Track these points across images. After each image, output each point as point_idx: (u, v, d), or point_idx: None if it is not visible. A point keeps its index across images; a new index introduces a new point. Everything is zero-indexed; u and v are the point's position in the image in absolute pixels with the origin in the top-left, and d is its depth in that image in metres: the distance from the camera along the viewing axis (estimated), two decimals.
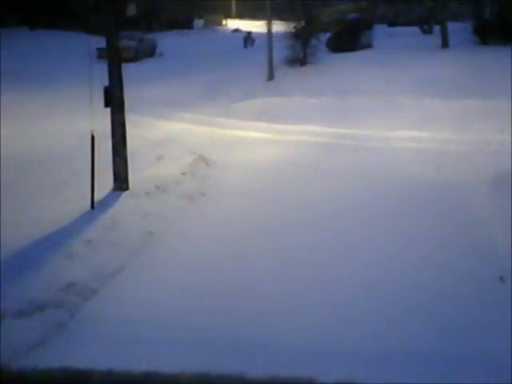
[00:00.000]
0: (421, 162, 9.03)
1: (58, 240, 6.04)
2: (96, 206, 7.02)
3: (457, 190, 7.73)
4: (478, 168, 8.55)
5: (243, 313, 4.81)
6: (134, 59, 20.30)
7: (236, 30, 33.68)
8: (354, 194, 7.67)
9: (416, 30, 27.15)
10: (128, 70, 8.31)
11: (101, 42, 7.97)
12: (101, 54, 14.33)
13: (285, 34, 18.03)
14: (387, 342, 4.39)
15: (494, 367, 3.94)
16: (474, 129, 10.61)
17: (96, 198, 7.05)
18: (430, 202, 7.33)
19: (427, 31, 26.82)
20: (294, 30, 18.21)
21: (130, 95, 7.90)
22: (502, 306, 4.76)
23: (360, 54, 20.06)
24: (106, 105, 7.57)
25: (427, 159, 9.15)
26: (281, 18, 19.20)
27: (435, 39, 21.61)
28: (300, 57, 18.41)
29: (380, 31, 25.84)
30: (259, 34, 21.07)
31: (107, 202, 7.24)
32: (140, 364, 0.63)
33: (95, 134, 7.01)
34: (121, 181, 7.64)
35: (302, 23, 18.50)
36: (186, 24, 37.22)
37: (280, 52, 17.58)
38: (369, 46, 21.57)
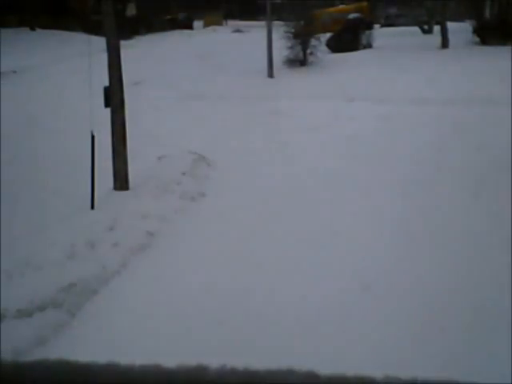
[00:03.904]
0: None
1: (57, 240, 6.04)
2: (96, 206, 7.02)
3: None
4: None
5: (243, 315, 4.81)
6: None
7: (237, 31, 33.65)
8: None
9: (416, 29, 27.21)
10: None
11: (101, 42, 7.97)
12: None
13: (284, 35, 18.06)
14: None
15: None
16: None
17: (96, 198, 7.05)
18: None
19: (427, 31, 26.87)
20: (293, 30, 18.24)
21: None
22: None
23: (360, 54, 20.09)
24: (106, 105, 7.57)
25: None
26: (281, 18, 19.25)
27: (435, 39, 21.64)
28: (300, 57, 18.43)
29: (380, 31, 25.86)
30: (259, 35, 21.03)
31: (107, 201, 7.24)
32: (140, 361, 0.63)
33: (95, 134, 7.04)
34: (121, 181, 7.64)
35: (302, 23, 18.52)
36: (186, 24, 37.26)
37: (280, 52, 17.60)
38: (369, 46, 21.61)
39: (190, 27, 37.86)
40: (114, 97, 7.56)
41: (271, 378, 0.57)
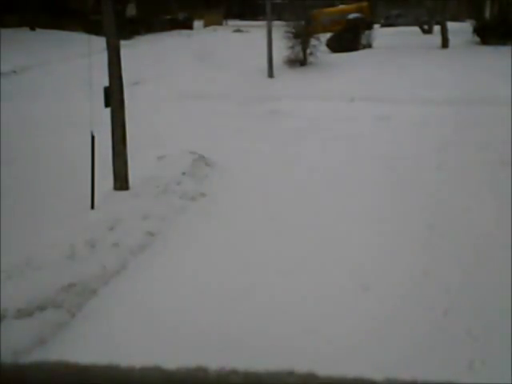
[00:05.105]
0: None
1: (57, 240, 6.04)
2: (96, 206, 7.02)
3: None
4: None
5: (243, 315, 4.81)
6: None
7: (237, 31, 33.58)
8: None
9: (416, 29, 27.25)
10: None
11: (101, 42, 7.96)
12: None
13: (285, 35, 18.07)
14: None
15: None
16: None
17: (96, 198, 7.05)
18: None
19: (427, 31, 26.90)
20: (293, 31, 18.25)
21: None
22: None
23: (360, 54, 20.09)
24: (107, 105, 7.57)
25: None
26: (281, 18, 19.26)
27: (435, 39, 21.66)
28: (300, 57, 18.44)
29: (380, 31, 25.87)
30: (259, 35, 21.04)
31: (107, 201, 7.24)
32: (140, 361, 0.63)
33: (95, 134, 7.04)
34: (121, 181, 7.64)
35: (302, 23, 18.52)
36: (185, 24, 37.24)
37: (280, 52, 17.61)
38: (369, 46, 21.63)
39: (190, 27, 37.82)
40: (113, 97, 7.55)
41: (271, 380, 0.57)
